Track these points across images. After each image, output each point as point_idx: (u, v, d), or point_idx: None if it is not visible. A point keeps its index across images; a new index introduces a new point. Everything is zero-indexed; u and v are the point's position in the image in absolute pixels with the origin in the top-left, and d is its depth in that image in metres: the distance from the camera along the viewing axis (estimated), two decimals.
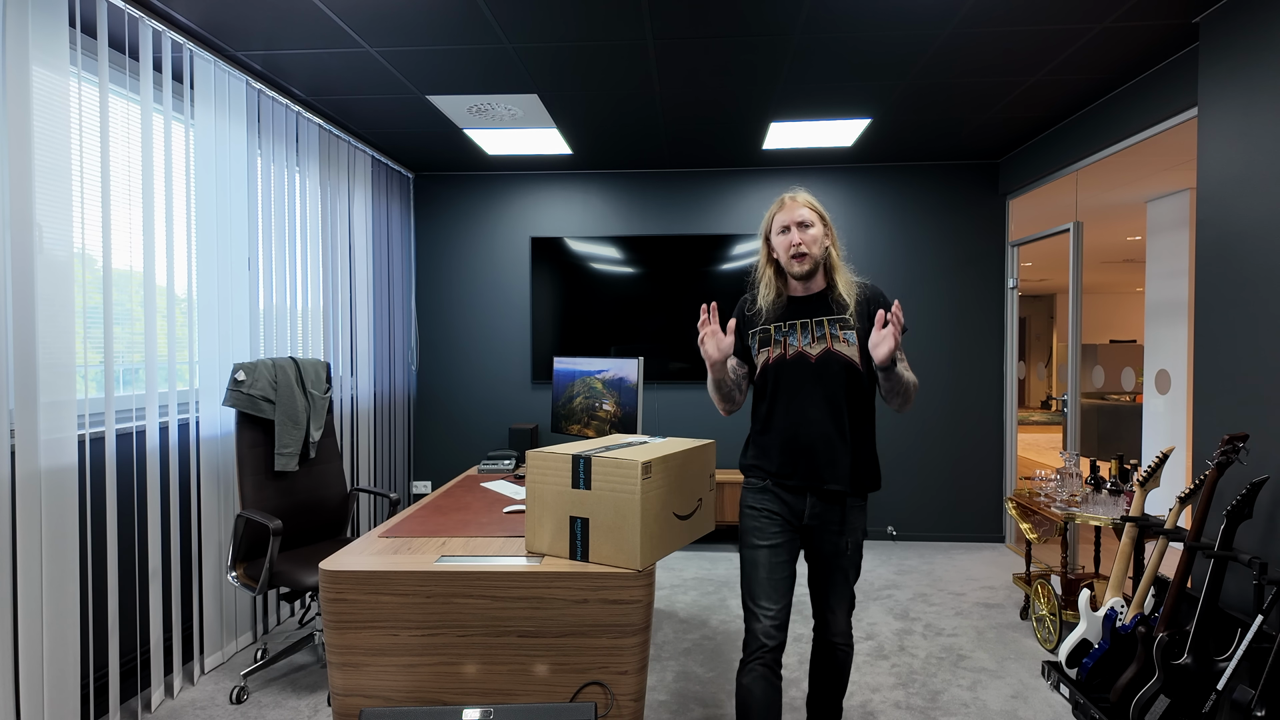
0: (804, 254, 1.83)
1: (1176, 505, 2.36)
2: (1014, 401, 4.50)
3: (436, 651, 1.70)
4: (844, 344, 1.81)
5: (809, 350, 1.83)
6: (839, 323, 1.83)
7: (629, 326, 4.65)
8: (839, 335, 1.82)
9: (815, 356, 1.82)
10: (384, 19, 2.55)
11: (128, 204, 2.53)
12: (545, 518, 1.80)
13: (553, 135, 3.89)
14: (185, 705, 2.51)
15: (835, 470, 1.81)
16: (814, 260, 1.84)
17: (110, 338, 2.32)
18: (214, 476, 2.80)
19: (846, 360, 1.81)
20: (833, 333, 1.83)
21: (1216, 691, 1.97)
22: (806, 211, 1.85)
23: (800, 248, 1.83)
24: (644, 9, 2.48)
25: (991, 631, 3.14)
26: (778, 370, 1.86)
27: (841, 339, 1.82)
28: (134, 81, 2.63)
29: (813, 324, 1.85)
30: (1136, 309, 11.34)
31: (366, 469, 4.01)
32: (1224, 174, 2.39)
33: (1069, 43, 2.74)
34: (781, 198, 1.92)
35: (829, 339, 1.82)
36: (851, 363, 1.81)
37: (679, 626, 3.20)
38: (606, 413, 3.26)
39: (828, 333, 1.83)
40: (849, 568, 1.89)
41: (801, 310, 1.88)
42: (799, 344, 1.84)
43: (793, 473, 1.83)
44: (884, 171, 4.57)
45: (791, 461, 1.83)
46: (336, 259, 3.68)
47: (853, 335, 1.81)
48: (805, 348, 1.83)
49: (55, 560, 2.09)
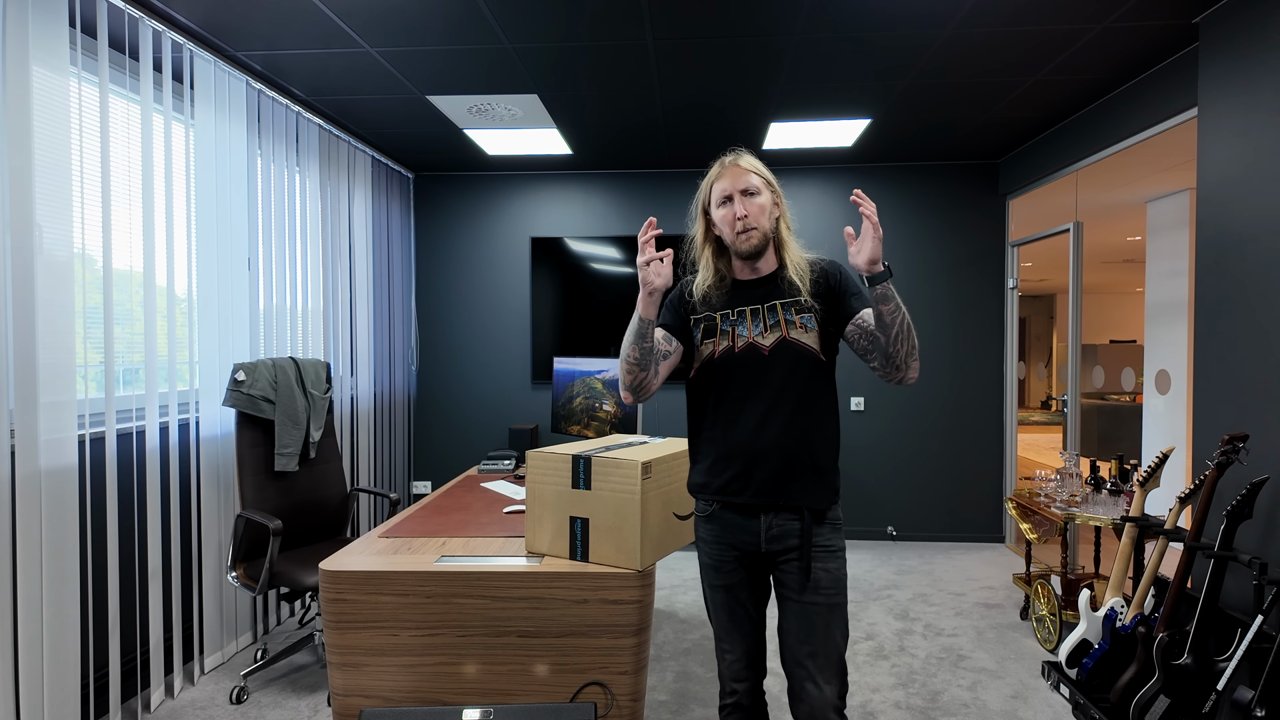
0: (752, 228, 1.54)
1: (1176, 505, 2.36)
2: (1014, 401, 4.49)
3: (436, 651, 1.70)
4: (801, 330, 1.55)
5: (761, 341, 1.55)
6: (794, 306, 1.56)
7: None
8: (795, 321, 1.55)
9: (769, 348, 1.55)
10: (384, 19, 2.55)
11: (128, 204, 2.53)
12: (545, 518, 1.80)
13: (553, 135, 3.89)
14: (185, 705, 2.51)
15: (796, 482, 1.51)
16: (763, 235, 1.56)
17: (110, 338, 2.32)
18: (214, 476, 2.80)
19: (805, 350, 1.54)
20: (788, 318, 1.55)
21: (1216, 692, 1.97)
22: (753, 177, 1.56)
23: (748, 221, 1.54)
24: (644, 9, 2.48)
25: (991, 632, 3.14)
26: (725, 366, 1.57)
27: (798, 325, 1.55)
28: (134, 81, 2.63)
29: (764, 310, 1.57)
30: (1136, 309, 11.34)
31: (366, 469, 4.01)
32: (1224, 174, 2.39)
33: (1069, 43, 2.74)
34: (721, 159, 1.62)
35: (784, 326, 1.55)
36: (811, 352, 1.55)
37: (679, 626, 3.20)
38: (606, 413, 3.26)
39: (781, 319, 1.55)
40: (829, 613, 1.50)
41: (750, 295, 1.60)
42: (749, 334, 1.57)
43: (743, 488, 1.53)
44: (884, 171, 4.57)
45: (742, 475, 1.53)
46: (336, 259, 3.68)
47: (811, 319, 1.55)
48: (757, 338, 1.56)
49: (55, 560, 2.09)
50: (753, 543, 1.55)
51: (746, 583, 1.58)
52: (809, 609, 1.50)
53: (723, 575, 1.58)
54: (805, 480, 1.51)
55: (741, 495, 1.53)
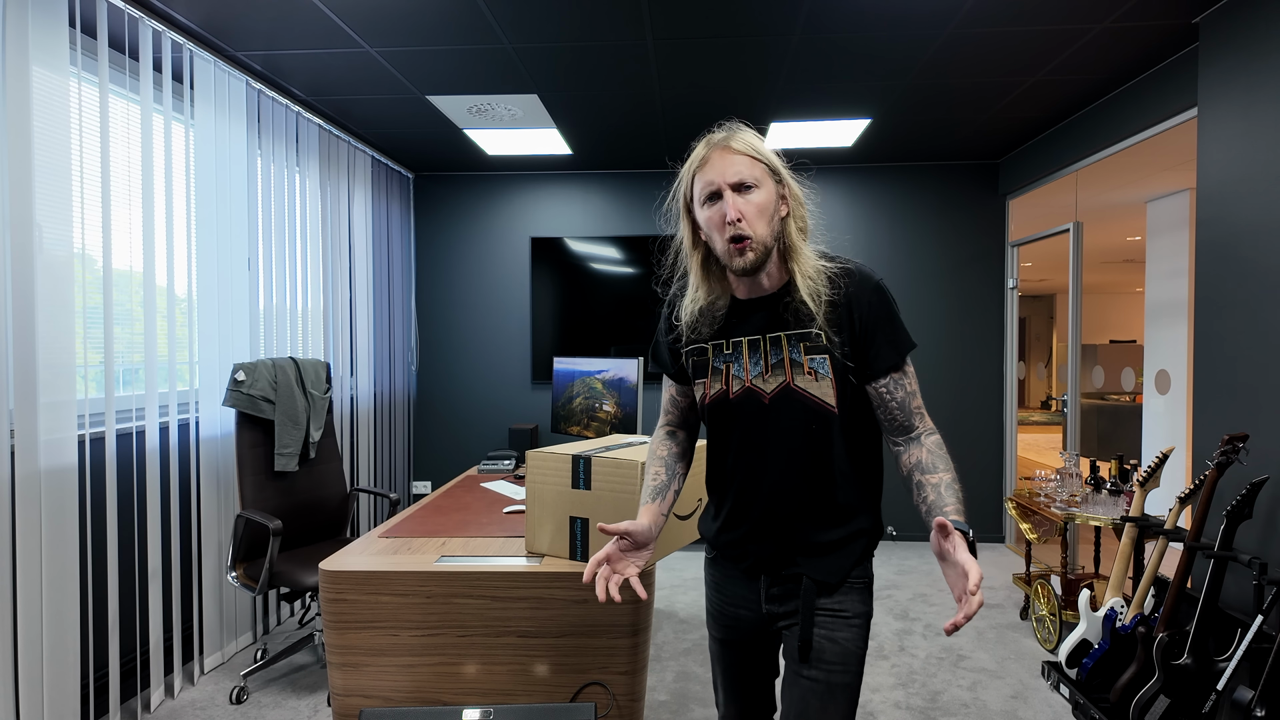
0: (744, 237, 1.13)
1: (1176, 505, 2.36)
2: (1014, 401, 4.49)
3: (436, 651, 1.70)
4: (809, 377, 1.17)
5: (760, 386, 1.21)
6: (802, 341, 1.18)
7: (629, 326, 4.65)
8: (801, 363, 1.18)
9: (770, 395, 1.20)
10: (384, 19, 2.55)
11: (128, 204, 2.53)
12: (545, 518, 1.80)
13: (553, 135, 3.89)
14: (185, 705, 2.51)
15: (800, 555, 1.22)
16: (763, 247, 1.14)
17: (110, 338, 2.32)
18: (214, 476, 2.80)
19: (813, 403, 1.18)
20: (793, 358, 1.18)
21: (1216, 692, 1.97)
22: (744, 165, 1.14)
23: (740, 228, 1.12)
24: (644, 9, 2.48)
25: (991, 632, 3.14)
26: (719, 414, 1.25)
27: (806, 369, 1.18)
28: (134, 81, 2.63)
29: (765, 343, 1.21)
30: (1136, 309, 11.34)
31: (366, 469, 4.01)
32: (1224, 174, 2.39)
33: (1069, 43, 2.74)
34: (707, 137, 1.19)
35: (787, 367, 1.19)
36: (821, 408, 1.17)
37: (679, 626, 3.20)
38: (606, 413, 3.26)
39: (786, 358, 1.19)
40: (827, 694, 1.18)
41: (749, 321, 1.23)
42: (746, 375, 1.21)
43: (741, 556, 1.27)
44: (884, 171, 4.57)
45: (741, 543, 1.26)
46: (336, 259, 3.68)
47: (824, 364, 1.17)
48: (755, 381, 1.21)
49: (55, 560, 2.09)
50: (753, 600, 1.28)
51: (746, 646, 1.32)
52: (805, 685, 1.20)
53: (720, 628, 1.34)
54: (811, 556, 1.21)
55: (741, 563, 1.28)
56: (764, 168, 1.16)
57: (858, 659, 1.21)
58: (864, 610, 1.22)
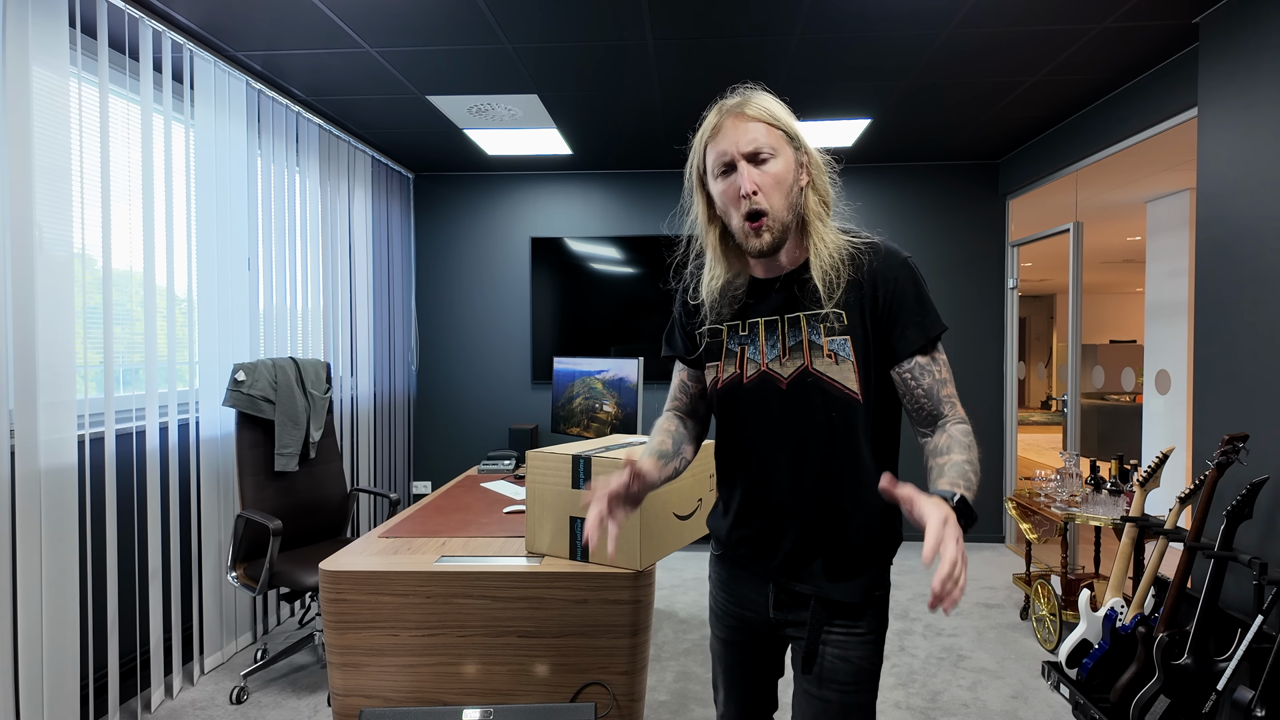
0: (761, 212, 1.07)
1: (1176, 505, 2.36)
2: (1014, 401, 4.49)
3: (436, 652, 1.69)
4: (829, 360, 1.10)
5: (777, 370, 1.13)
6: (821, 322, 1.11)
7: (629, 327, 4.65)
8: (821, 345, 1.11)
9: (787, 380, 1.12)
10: (384, 19, 2.55)
11: (128, 204, 2.53)
12: (545, 518, 1.80)
13: (553, 135, 3.89)
14: (185, 705, 2.50)
15: (809, 560, 1.14)
16: (780, 225, 1.08)
17: (110, 338, 2.32)
18: (214, 477, 2.80)
19: (834, 389, 1.10)
20: (812, 340, 1.11)
21: (1216, 692, 1.97)
22: (760, 132, 1.07)
23: (756, 201, 1.06)
24: (644, 9, 2.48)
25: (991, 632, 3.14)
26: (732, 401, 1.18)
27: (825, 352, 1.10)
28: (134, 82, 2.63)
29: (783, 324, 1.14)
30: (1136, 309, 11.33)
31: (366, 469, 4.01)
32: (1224, 174, 2.39)
33: (1069, 43, 2.74)
34: (720, 103, 1.12)
35: (806, 350, 1.11)
36: (843, 394, 1.10)
37: (679, 626, 3.20)
38: (606, 414, 3.26)
39: (805, 339, 1.12)
40: (842, 715, 1.13)
41: (766, 301, 1.16)
42: (762, 358, 1.15)
43: (752, 556, 1.20)
44: (884, 171, 4.57)
45: (753, 541, 1.19)
46: (336, 259, 3.68)
47: (844, 345, 1.10)
48: (772, 365, 1.14)
49: (55, 560, 2.09)
50: (761, 604, 1.21)
51: (750, 647, 1.26)
52: (816, 704, 1.14)
53: (724, 628, 1.28)
54: (828, 564, 1.13)
55: (751, 566, 1.21)
56: (781, 134, 1.10)
57: (873, 676, 1.15)
58: (877, 628, 1.15)
